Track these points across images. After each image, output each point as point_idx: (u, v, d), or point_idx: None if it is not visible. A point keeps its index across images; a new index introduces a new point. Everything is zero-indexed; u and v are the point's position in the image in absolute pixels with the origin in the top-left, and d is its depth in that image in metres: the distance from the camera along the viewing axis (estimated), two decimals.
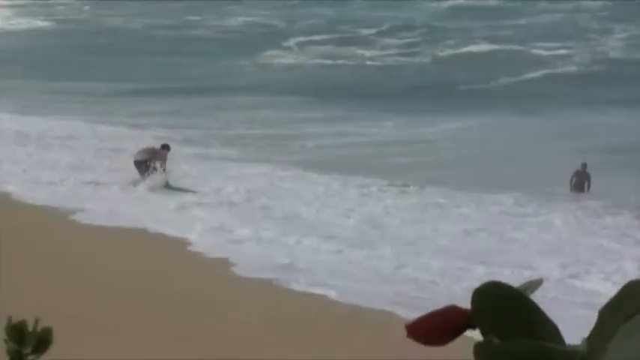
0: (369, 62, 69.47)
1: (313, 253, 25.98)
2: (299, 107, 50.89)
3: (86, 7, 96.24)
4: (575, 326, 1.98)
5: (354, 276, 23.30)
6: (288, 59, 70.31)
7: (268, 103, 52.02)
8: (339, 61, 69.05)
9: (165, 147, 35.05)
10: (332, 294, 21.76)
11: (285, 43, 74.10)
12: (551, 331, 1.15)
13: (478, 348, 1.08)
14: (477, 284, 1.41)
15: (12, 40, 74.19)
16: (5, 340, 2.09)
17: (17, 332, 2.06)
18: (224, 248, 25.40)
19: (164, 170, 34.15)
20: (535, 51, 69.50)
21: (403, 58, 70.09)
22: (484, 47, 71.58)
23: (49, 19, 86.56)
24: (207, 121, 46.38)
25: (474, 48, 71.67)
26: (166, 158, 34.48)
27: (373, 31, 78.37)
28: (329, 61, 68.89)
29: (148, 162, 34.08)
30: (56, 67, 60.67)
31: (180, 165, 35.15)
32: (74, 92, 52.35)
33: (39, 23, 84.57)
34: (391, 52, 72.07)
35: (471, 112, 48.62)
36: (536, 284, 1.27)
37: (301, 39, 76.03)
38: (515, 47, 70.66)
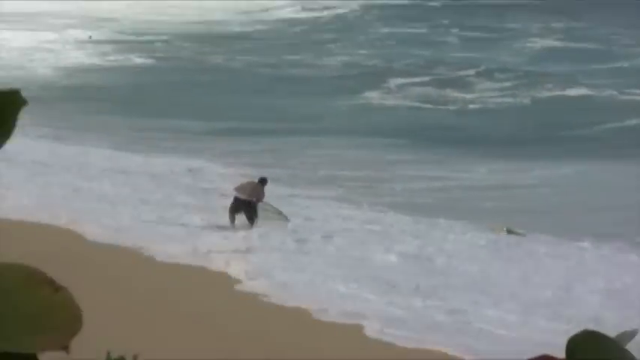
0: (470, 106, 68.40)
1: (406, 304, 25.51)
2: (392, 149, 50.09)
3: (186, 44, 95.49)
4: None
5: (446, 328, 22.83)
6: (387, 101, 69.00)
7: (363, 145, 51.23)
8: (440, 106, 68.18)
9: (264, 181, 34.38)
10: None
11: (384, 85, 72.70)
12: None
13: None
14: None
15: (108, 76, 73.71)
16: None
17: None
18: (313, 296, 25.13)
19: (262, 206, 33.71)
20: (636, 97, 67.58)
21: (502, 100, 69.14)
22: (582, 91, 69.85)
23: (148, 56, 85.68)
24: (298, 161, 45.75)
25: (572, 92, 69.98)
26: (264, 194, 33.80)
27: (471, 72, 77.15)
28: (428, 105, 67.65)
29: (252, 201, 33.41)
30: (152, 104, 60.56)
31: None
32: (168, 129, 52.09)
33: (137, 60, 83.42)
34: (490, 94, 70.94)
35: (571, 158, 47.60)
36: (631, 335, 1.26)
37: (400, 80, 74.59)
38: (614, 92, 68.88)
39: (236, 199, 33.07)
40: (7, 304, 0.89)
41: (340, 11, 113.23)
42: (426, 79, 74.85)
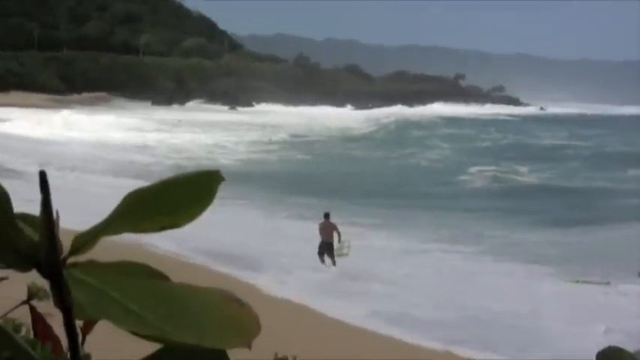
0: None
1: None
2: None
3: (336, 143, 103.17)
4: None
5: None
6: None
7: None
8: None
9: (327, 215, 34.56)
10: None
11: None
12: None
13: None
14: None
15: (274, 166, 77.85)
16: None
17: None
18: None
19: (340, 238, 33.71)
20: None
21: None
22: None
23: (307, 153, 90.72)
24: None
25: None
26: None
27: None
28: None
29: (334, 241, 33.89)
30: (304, 186, 61.31)
31: None
32: (313, 204, 50.08)
33: (298, 156, 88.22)
34: None
35: None
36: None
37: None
38: None
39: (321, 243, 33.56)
40: (211, 316, 1.10)
41: None
42: None
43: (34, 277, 0.92)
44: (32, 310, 1.35)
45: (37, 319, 1.31)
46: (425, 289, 28.09)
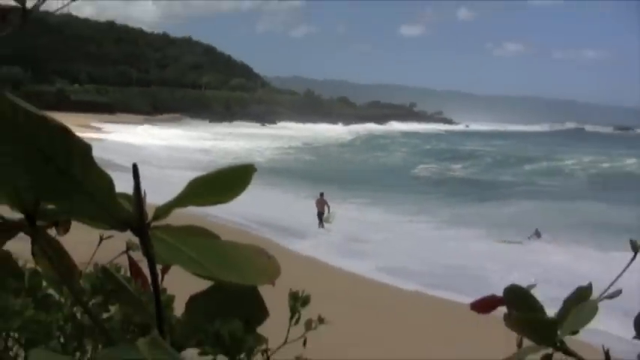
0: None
1: None
2: None
3: (332, 149, 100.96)
4: None
5: None
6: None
7: None
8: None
9: (322, 194, 34.07)
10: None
11: None
12: (541, 307, 1.08)
13: (507, 317, 1.03)
14: None
15: (290, 164, 77.10)
16: None
17: None
18: None
19: (329, 210, 33.49)
20: None
21: None
22: None
23: (312, 155, 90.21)
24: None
25: None
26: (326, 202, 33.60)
27: None
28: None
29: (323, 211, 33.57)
30: (309, 177, 60.37)
31: None
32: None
33: (306, 157, 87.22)
34: None
35: None
36: (531, 287, 1.11)
37: None
38: None
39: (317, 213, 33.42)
40: (247, 263, 1.12)
41: None
42: None
43: (130, 236, 0.91)
44: (129, 257, 1.35)
45: (132, 264, 1.30)
46: (401, 249, 27.73)
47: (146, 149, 76.89)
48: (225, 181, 0.94)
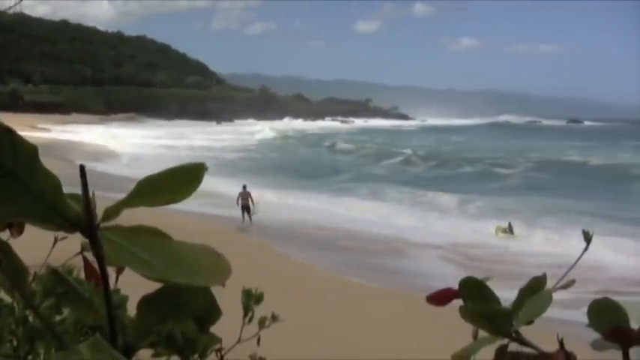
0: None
1: None
2: None
3: (291, 141, 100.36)
4: None
5: None
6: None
7: None
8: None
9: (245, 187, 32.58)
10: None
11: None
12: (497, 299, 1.08)
13: (462, 309, 1.03)
14: None
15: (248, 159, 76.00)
16: None
17: None
18: None
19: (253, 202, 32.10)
20: None
21: None
22: None
23: (272, 151, 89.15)
24: None
25: None
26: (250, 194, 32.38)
27: None
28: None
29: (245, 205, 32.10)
30: (258, 169, 60.58)
31: None
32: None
33: (256, 155, 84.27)
34: None
35: None
36: (486, 279, 1.10)
37: None
38: None
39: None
40: (198, 264, 1.08)
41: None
42: None
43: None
44: (84, 258, 1.33)
45: (87, 264, 1.28)
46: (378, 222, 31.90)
47: (101, 146, 76.38)
48: (176, 181, 0.92)
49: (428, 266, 23.50)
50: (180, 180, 0.93)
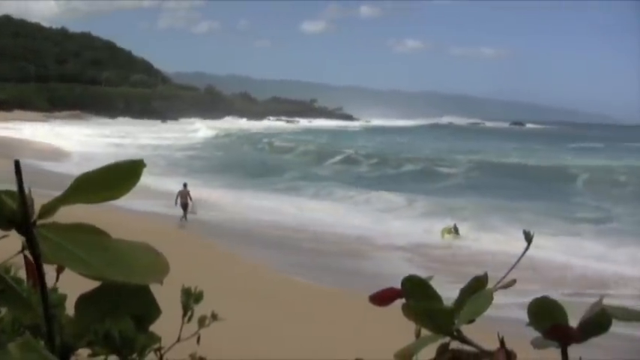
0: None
1: None
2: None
3: (234, 139, 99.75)
4: None
5: None
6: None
7: None
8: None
9: (185, 185, 32.62)
10: None
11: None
12: (439, 297, 1.09)
13: (405, 307, 1.03)
14: None
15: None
16: None
17: None
18: None
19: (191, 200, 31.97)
20: None
21: None
22: None
23: (220, 150, 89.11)
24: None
25: None
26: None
27: None
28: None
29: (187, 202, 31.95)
30: (214, 165, 61.61)
31: None
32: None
33: (216, 152, 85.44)
34: None
35: None
36: (429, 278, 1.12)
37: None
38: None
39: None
40: (136, 262, 1.09)
41: None
42: None
43: None
44: (25, 257, 1.31)
45: (28, 263, 1.26)
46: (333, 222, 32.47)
47: (46, 144, 75.41)
48: (114, 177, 0.91)
49: (387, 267, 23.30)
50: (118, 177, 0.91)
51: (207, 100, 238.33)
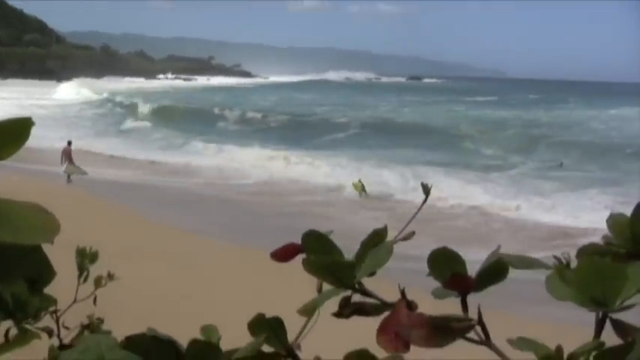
0: None
1: None
2: None
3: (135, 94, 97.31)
4: None
5: None
6: None
7: None
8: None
9: (70, 142, 30.86)
10: None
11: None
12: (340, 251, 1.08)
13: (305, 261, 1.02)
14: None
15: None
16: None
17: None
18: None
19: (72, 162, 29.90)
20: None
21: None
22: None
23: (117, 107, 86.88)
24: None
25: None
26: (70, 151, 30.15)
27: None
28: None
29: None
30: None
31: None
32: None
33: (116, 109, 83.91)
34: None
35: None
36: (329, 232, 1.12)
37: None
38: None
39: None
40: (25, 222, 1.01)
41: None
42: None
43: None
44: None
45: None
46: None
47: None
48: (0, 137, 0.86)
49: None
50: (4, 136, 0.86)
51: (104, 59, 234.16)
